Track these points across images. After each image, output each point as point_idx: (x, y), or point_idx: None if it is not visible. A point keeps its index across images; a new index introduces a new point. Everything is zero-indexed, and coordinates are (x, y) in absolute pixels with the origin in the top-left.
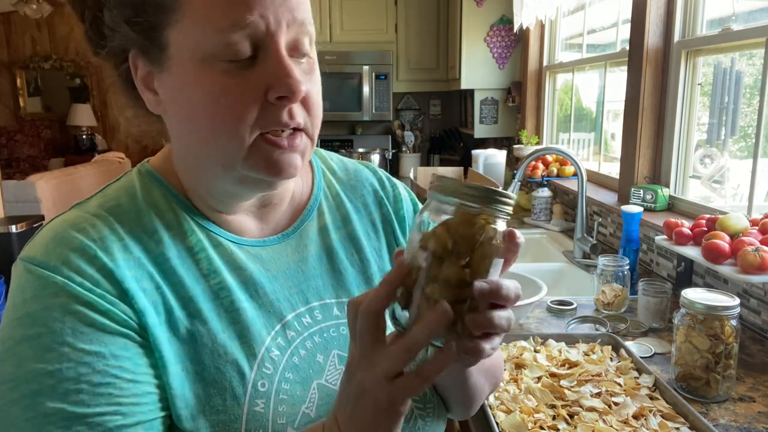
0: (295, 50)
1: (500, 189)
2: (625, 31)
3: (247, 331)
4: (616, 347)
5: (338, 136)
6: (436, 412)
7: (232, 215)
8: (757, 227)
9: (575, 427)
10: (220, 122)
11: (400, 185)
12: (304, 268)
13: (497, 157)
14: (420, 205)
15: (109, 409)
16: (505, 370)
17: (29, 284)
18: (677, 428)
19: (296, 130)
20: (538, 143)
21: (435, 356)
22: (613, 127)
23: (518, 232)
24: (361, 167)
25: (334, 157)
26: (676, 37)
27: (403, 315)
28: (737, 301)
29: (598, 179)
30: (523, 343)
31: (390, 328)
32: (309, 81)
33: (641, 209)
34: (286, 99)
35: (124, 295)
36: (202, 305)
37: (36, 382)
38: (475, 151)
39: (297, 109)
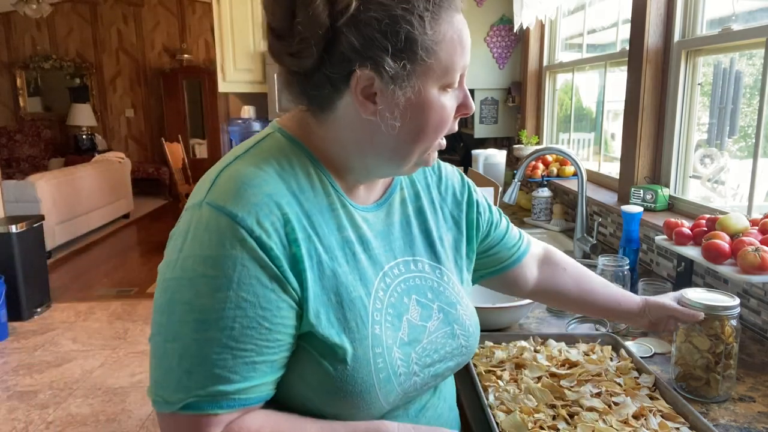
0: None
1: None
2: (625, 31)
3: (364, 274)
4: (616, 347)
5: None
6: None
7: (356, 184)
8: (757, 227)
9: (575, 427)
10: (436, 130)
11: (445, 165)
12: (392, 231)
13: (497, 157)
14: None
15: (248, 346)
16: (504, 369)
17: (216, 229)
18: (677, 428)
19: None
20: (538, 143)
21: None
22: (613, 127)
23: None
24: None
25: None
26: (676, 37)
27: None
28: (737, 301)
29: (598, 179)
30: (523, 343)
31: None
32: None
33: (641, 209)
34: (466, 114)
35: (290, 245)
36: (337, 252)
37: (205, 313)
38: (475, 151)
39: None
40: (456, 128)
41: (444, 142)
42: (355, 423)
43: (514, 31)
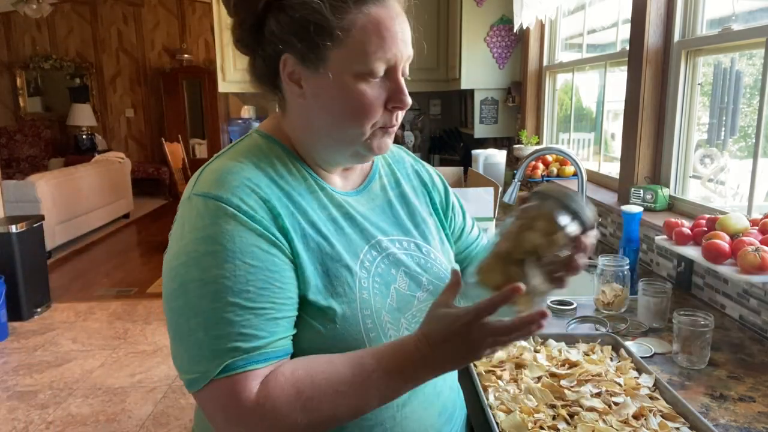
0: (402, 73)
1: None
2: (625, 31)
3: (351, 245)
4: (616, 347)
5: None
6: None
7: (328, 173)
8: (757, 227)
9: (575, 427)
10: (356, 117)
11: (424, 163)
12: (375, 213)
13: (497, 157)
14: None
15: (266, 305)
16: (504, 369)
17: (207, 212)
18: (677, 428)
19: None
20: (538, 143)
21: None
22: (613, 127)
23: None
24: (398, 149)
25: None
26: (676, 37)
27: None
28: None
29: (598, 179)
30: (523, 343)
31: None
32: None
33: (641, 209)
34: (399, 108)
35: (275, 219)
36: (321, 227)
37: (219, 283)
38: (475, 151)
39: (399, 113)
40: (395, 122)
41: (387, 141)
42: (378, 347)
43: (514, 31)
